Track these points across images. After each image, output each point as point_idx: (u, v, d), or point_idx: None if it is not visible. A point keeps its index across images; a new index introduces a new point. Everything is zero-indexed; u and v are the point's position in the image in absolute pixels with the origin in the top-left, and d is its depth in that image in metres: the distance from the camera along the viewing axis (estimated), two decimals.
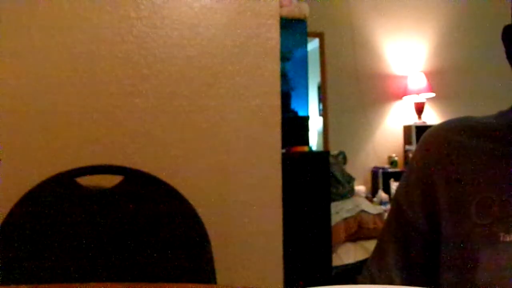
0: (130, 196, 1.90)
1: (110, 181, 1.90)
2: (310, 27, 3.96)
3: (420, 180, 1.20)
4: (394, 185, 5.98)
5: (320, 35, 6.34)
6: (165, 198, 1.90)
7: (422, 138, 1.26)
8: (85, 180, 1.88)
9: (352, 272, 4.44)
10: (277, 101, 2.26)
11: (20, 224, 1.78)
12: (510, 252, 1.01)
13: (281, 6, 2.49)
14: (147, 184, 1.90)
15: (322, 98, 6.35)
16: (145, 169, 1.91)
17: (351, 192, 5.38)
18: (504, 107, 1.21)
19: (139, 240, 1.86)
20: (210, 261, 1.84)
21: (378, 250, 1.27)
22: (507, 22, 1.36)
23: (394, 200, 1.27)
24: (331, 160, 5.15)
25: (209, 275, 1.83)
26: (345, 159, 5.75)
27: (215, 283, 1.83)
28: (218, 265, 1.87)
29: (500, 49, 1.33)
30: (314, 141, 6.37)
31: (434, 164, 1.17)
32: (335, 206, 4.62)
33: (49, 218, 1.81)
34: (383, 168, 6.33)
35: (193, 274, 1.83)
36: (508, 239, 1.02)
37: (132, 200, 1.89)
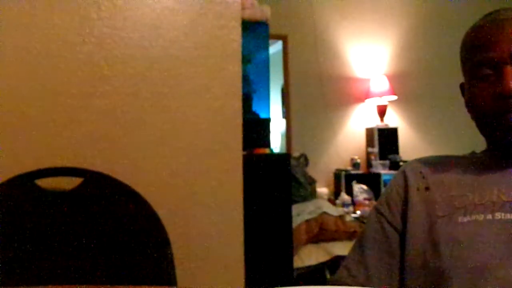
0: (90, 198, 1.89)
1: (70, 183, 1.89)
2: (274, 30, 3.97)
3: (398, 191, 1.44)
4: (356, 187, 6.01)
5: (283, 38, 6.35)
6: (125, 200, 1.89)
7: (401, 166, 1.54)
8: (44, 182, 1.87)
9: (314, 273, 4.46)
10: (238, 103, 2.27)
11: None
12: (465, 229, 1.23)
13: (243, 9, 2.49)
14: (107, 186, 1.90)
15: (285, 101, 6.37)
16: (106, 171, 1.91)
17: (313, 194, 5.39)
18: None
19: (98, 242, 1.85)
20: (170, 262, 1.84)
21: (357, 247, 1.46)
22: (468, 24, 1.42)
23: (374, 209, 1.49)
24: (293, 162, 5.17)
25: (170, 277, 1.83)
26: (306, 161, 5.76)
27: (176, 285, 1.83)
28: (179, 267, 1.87)
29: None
30: (278, 143, 6.38)
31: (410, 179, 1.43)
32: (296, 208, 4.62)
33: (8, 220, 1.79)
34: (345, 170, 6.35)
35: (153, 276, 1.83)
36: (464, 220, 1.24)
37: (91, 202, 1.89)
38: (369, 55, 6.77)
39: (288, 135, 6.31)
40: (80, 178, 1.89)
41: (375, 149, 6.48)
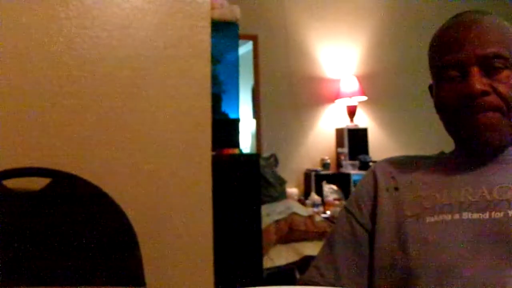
0: (58, 198, 1.88)
1: (38, 183, 1.88)
2: (244, 30, 3.97)
3: (368, 190, 1.47)
4: (326, 187, 6.02)
5: (254, 38, 6.34)
6: (93, 201, 1.89)
7: (371, 166, 1.57)
8: (12, 183, 1.86)
9: (284, 273, 4.46)
10: (207, 103, 2.27)
11: None
12: (433, 229, 1.25)
13: (212, 9, 2.49)
14: (76, 187, 1.89)
15: (255, 101, 6.36)
16: (74, 171, 1.90)
17: (282, 195, 5.38)
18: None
19: (66, 242, 1.84)
20: (139, 263, 1.84)
21: (327, 246, 1.47)
22: (437, 25, 1.44)
23: (344, 208, 1.50)
24: (262, 162, 5.16)
25: (138, 278, 1.82)
26: (276, 162, 5.76)
27: (144, 285, 1.83)
28: (148, 268, 1.86)
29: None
30: (248, 143, 6.37)
31: (379, 179, 1.46)
32: (266, 209, 4.61)
33: None
34: (315, 171, 6.35)
35: (122, 276, 1.82)
36: (432, 220, 1.27)
37: (60, 202, 1.87)
38: (339, 56, 6.79)
39: (258, 136, 6.30)
40: (48, 178, 1.88)
41: (345, 149, 6.50)
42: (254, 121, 6.36)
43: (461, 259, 1.18)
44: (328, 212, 5.62)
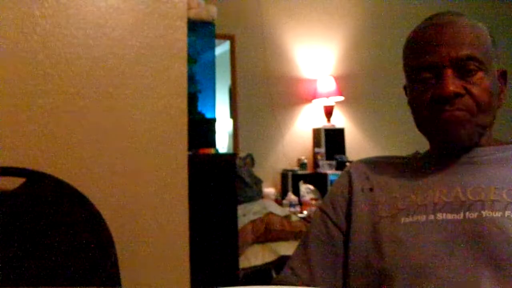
0: (32, 198, 1.87)
1: (12, 183, 1.87)
2: (221, 30, 3.96)
3: (343, 191, 1.48)
4: (303, 187, 6.02)
5: (231, 38, 6.33)
6: (68, 201, 1.87)
7: (346, 167, 1.58)
8: None
9: (261, 273, 4.46)
10: (183, 103, 2.26)
11: None
12: (408, 229, 1.26)
13: (188, 8, 2.49)
14: (50, 186, 1.87)
15: (232, 101, 6.35)
16: (49, 171, 1.89)
17: (259, 194, 5.38)
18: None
19: (41, 242, 1.82)
20: (114, 264, 1.83)
21: (301, 246, 1.47)
22: (413, 27, 1.44)
23: (319, 208, 1.50)
24: (239, 162, 5.17)
25: (114, 278, 1.81)
26: (252, 161, 5.75)
27: (120, 285, 1.82)
28: (124, 268, 1.86)
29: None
30: (225, 143, 6.36)
31: (354, 179, 1.47)
32: (242, 209, 4.62)
33: None
34: (292, 171, 6.36)
35: (97, 277, 1.81)
36: (407, 220, 1.28)
37: (34, 202, 1.86)
38: (316, 56, 6.80)
39: (235, 135, 6.29)
40: (23, 178, 1.87)
41: (322, 149, 6.50)
42: (231, 121, 6.35)
43: (435, 260, 1.18)
44: (305, 212, 5.62)
